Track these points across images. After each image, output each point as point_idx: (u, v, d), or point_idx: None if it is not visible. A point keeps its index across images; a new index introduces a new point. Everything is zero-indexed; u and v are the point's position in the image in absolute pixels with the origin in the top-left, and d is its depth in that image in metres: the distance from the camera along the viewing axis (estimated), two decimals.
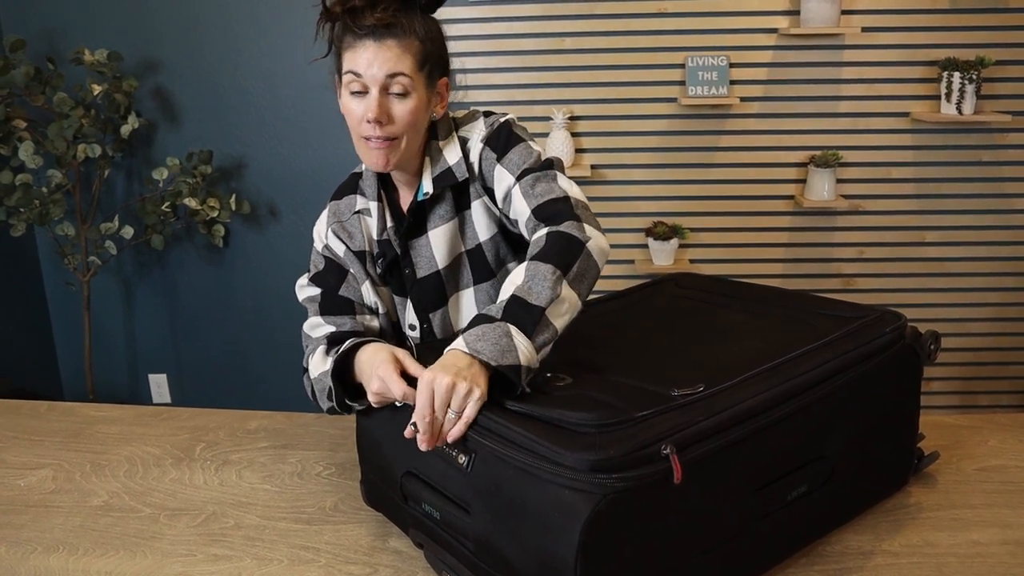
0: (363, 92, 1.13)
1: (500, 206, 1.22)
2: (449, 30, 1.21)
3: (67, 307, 3.34)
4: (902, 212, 2.97)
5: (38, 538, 1.14)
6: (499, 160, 1.20)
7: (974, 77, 2.67)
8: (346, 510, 1.20)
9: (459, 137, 1.24)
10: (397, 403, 1.05)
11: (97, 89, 2.78)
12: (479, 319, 0.99)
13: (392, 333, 1.33)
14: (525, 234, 1.17)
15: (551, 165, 1.19)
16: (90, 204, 3.03)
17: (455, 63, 1.24)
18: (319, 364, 1.20)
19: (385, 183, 1.29)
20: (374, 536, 1.13)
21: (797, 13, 2.77)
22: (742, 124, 2.92)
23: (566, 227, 1.09)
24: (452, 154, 1.23)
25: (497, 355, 0.94)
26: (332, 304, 1.27)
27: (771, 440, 0.94)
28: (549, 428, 0.87)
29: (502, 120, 1.24)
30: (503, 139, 1.21)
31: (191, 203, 2.90)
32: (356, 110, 1.14)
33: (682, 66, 2.86)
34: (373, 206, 1.27)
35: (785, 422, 0.95)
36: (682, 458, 0.83)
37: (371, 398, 1.07)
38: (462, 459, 0.91)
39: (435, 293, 1.28)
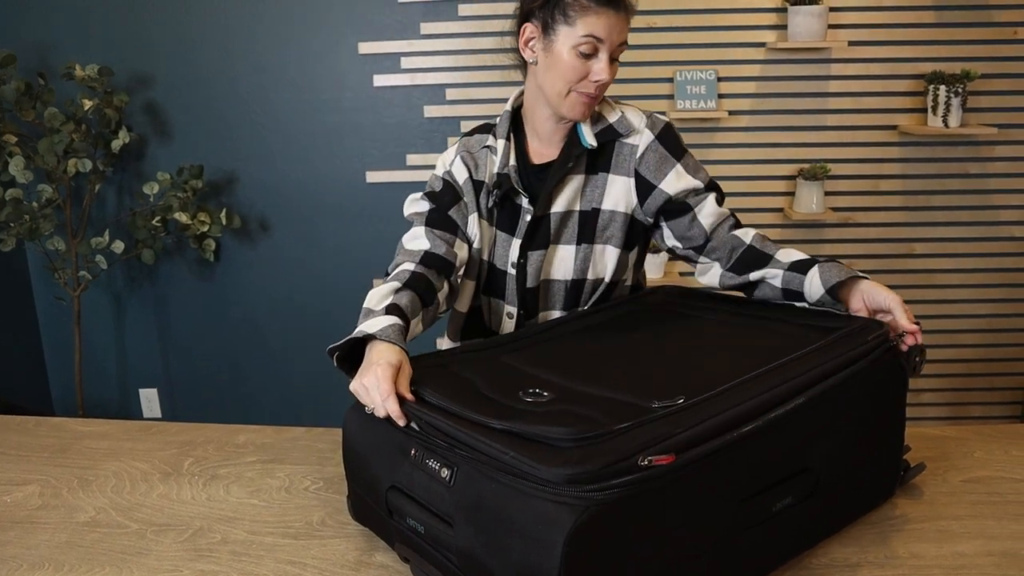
0: (592, 54, 1.27)
1: (673, 195, 1.34)
2: (440, 45, 1.23)
3: (57, 322, 3.34)
4: (890, 224, 2.99)
5: (23, 555, 1.14)
6: (679, 161, 1.36)
7: (960, 90, 2.70)
8: (333, 525, 1.19)
9: (617, 105, 1.38)
10: (367, 409, 1.04)
11: (88, 104, 2.78)
12: (832, 266, 1.23)
13: (477, 270, 1.40)
14: (711, 227, 1.36)
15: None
16: (80, 219, 3.03)
17: (446, 77, 1.27)
18: (379, 296, 1.17)
19: (516, 128, 1.40)
20: (361, 551, 1.12)
21: (785, 28, 2.80)
22: (731, 137, 2.94)
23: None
24: (612, 114, 1.37)
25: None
26: (439, 220, 1.35)
27: (754, 451, 0.94)
28: (529, 444, 0.87)
29: (666, 120, 1.38)
30: (675, 142, 1.37)
31: (182, 218, 2.90)
32: (581, 69, 1.27)
33: (671, 80, 2.88)
34: (500, 143, 1.37)
35: (768, 433, 0.95)
36: (663, 469, 0.83)
37: (354, 384, 1.04)
38: (445, 473, 0.91)
39: (541, 235, 1.37)
